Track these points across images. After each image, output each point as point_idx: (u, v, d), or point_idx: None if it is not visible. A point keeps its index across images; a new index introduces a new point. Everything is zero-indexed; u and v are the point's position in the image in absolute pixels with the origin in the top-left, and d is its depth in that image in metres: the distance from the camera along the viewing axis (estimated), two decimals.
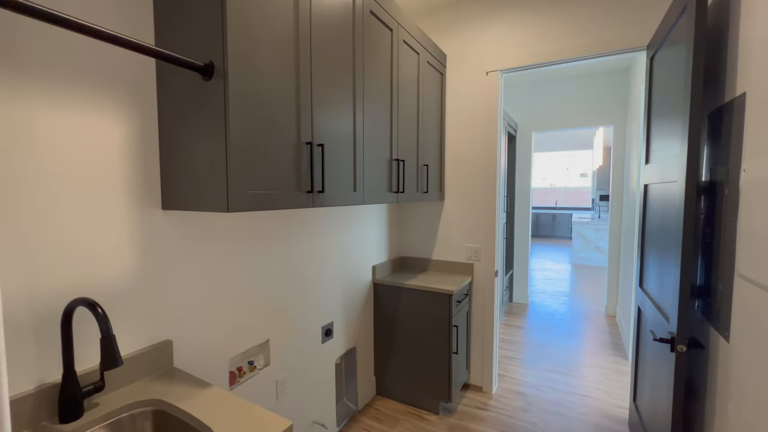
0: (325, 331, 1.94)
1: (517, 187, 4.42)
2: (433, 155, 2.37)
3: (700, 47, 1.19)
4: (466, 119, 2.44)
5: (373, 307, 2.40)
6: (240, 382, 1.47)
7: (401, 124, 1.93)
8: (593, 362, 2.91)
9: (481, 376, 2.50)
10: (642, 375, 1.83)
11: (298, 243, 1.74)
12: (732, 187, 1.13)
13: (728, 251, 1.14)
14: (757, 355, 0.96)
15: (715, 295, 1.24)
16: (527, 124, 4.31)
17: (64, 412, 0.89)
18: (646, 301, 1.75)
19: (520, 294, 4.49)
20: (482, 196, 2.42)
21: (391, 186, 1.86)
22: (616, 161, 3.90)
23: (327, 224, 1.93)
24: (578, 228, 6.97)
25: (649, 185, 1.82)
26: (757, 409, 0.94)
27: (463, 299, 2.34)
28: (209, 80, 0.99)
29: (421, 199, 2.19)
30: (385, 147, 1.79)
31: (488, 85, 2.35)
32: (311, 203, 1.28)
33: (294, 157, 1.21)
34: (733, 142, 1.15)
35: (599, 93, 3.94)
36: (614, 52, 2.01)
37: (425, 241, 2.65)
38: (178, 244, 1.20)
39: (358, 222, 2.20)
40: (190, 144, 1.06)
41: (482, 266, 2.44)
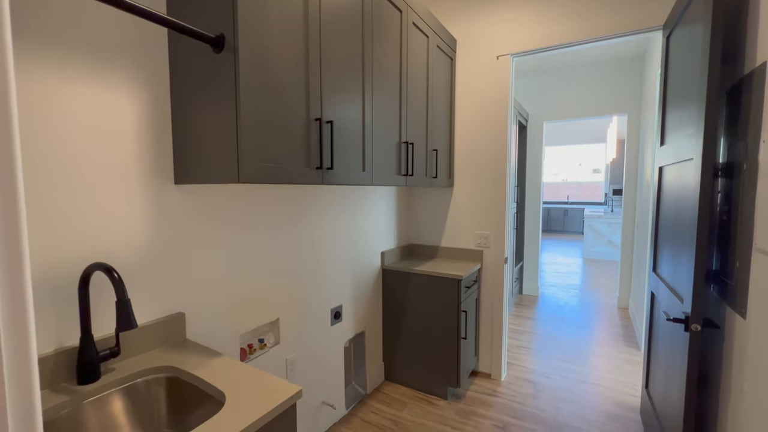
0: (334, 314, 1.96)
1: (528, 178, 4.37)
2: (443, 141, 2.36)
3: (719, 17, 1.16)
4: (476, 105, 2.42)
5: (381, 293, 2.41)
6: (250, 359, 1.49)
7: (411, 107, 1.92)
8: (605, 352, 2.87)
9: (490, 364, 2.49)
10: (655, 361, 1.80)
11: (309, 225, 1.75)
12: (751, 161, 1.10)
13: (746, 227, 1.11)
14: None
15: (732, 273, 1.21)
16: (538, 113, 4.25)
17: (82, 375, 0.92)
18: (659, 285, 1.72)
19: (530, 286, 4.46)
20: (492, 182, 2.40)
21: (400, 169, 1.85)
22: (630, 151, 3.82)
23: (337, 208, 1.94)
24: (590, 222, 6.86)
25: (664, 167, 1.78)
26: None
27: (472, 285, 2.33)
28: (220, 53, 1.01)
29: (430, 184, 2.18)
30: (394, 129, 1.79)
31: (499, 70, 2.32)
32: (320, 180, 1.29)
33: (303, 133, 1.22)
34: (752, 113, 1.11)
35: (612, 81, 3.86)
36: (630, 33, 1.97)
37: (434, 228, 2.64)
38: (190, 219, 1.22)
39: (367, 208, 2.20)
40: (202, 117, 1.07)
41: (491, 253, 2.43)
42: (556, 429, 1.97)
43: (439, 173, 2.32)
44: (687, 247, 1.32)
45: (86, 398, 0.89)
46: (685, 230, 1.37)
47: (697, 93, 1.29)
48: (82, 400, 0.89)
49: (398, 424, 2.00)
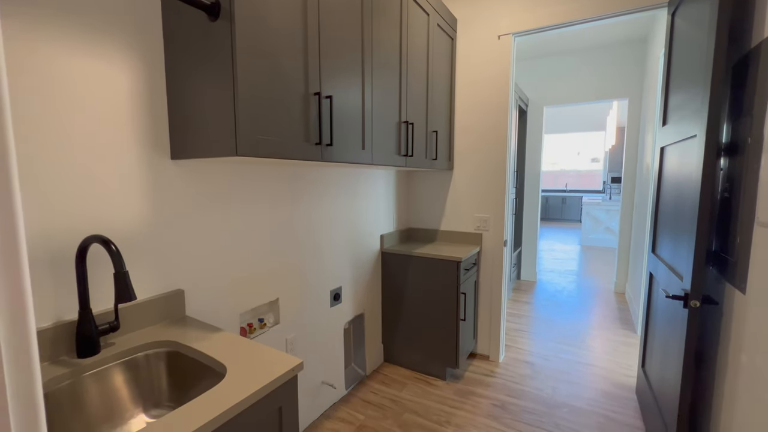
0: (333, 296, 1.96)
1: (527, 164, 4.35)
2: (443, 122, 2.33)
3: None
4: (477, 86, 2.38)
5: (381, 276, 2.41)
6: (250, 338, 1.49)
7: (411, 87, 1.89)
8: (602, 335, 2.90)
9: (488, 346, 2.52)
10: (651, 341, 1.82)
11: (309, 206, 1.73)
12: (756, 135, 1.09)
13: (748, 202, 1.11)
14: None
15: (732, 250, 1.21)
16: (539, 98, 4.21)
17: (81, 348, 0.91)
18: (659, 265, 1.73)
19: (528, 272, 4.48)
20: (492, 165, 2.38)
21: (400, 149, 1.83)
22: (630, 136, 3.80)
23: (336, 189, 1.92)
24: (588, 209, 6.87)
25: (665, 147, 1.77)
26: None
27: (471, 268, 2.33)
28: (215, 21, 0.97)
29: (430, 166, 2.16)
30: (394, 108, 1.76)
31: (500, 50, 2.28)
32: (319, 156, 1.27)
33: (302, 107, 1.19)
34: (758, 87, 1.10)
35: (614, 65, 3.81)
36: (634, 10, 1.93)
37: (433, 212, 2.63)
38: (188, 195, 1.21)
39: (366, 190, 2.19)
40: (198, 88, 1.05)
41: (491, 236, 2.43)
42: (554, 408, 1.99)
43: (439, 155, 2.29)
44: (688, 226, 1.32)
45: (86, 371, 0.89)
46: (687, 209, 1.36)
47: (703, 68, 1.27)
48: (82, 372, 0.88)
49: (397, 404, 2.03)
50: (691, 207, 1.30)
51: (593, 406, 2.00)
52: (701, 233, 1.20)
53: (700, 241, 1.20)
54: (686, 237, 1.33)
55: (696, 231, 1.20)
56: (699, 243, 1.21)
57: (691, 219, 1.28)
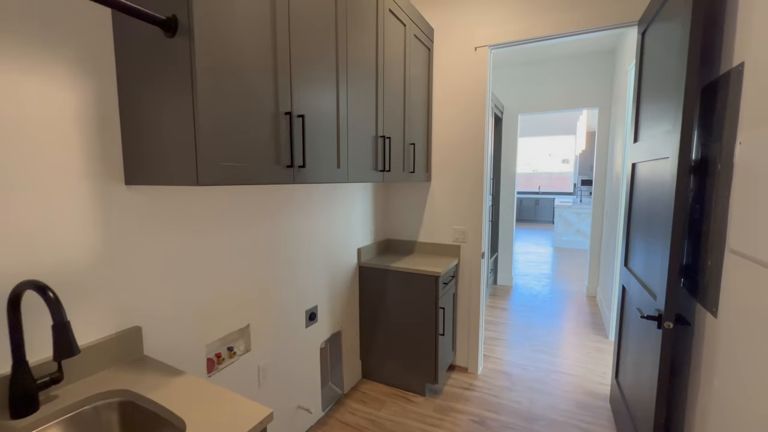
0: (309, 315, 1.88)
1: (503, 170, 4.41)
2: (420, 134, 2.29)
3: (699, 16, 1.14)
4: (454, 97, 2.36)
5: (358, 290, 2.35)
6: (219, 369, 1.40)
7: (387, 99, 1.84)
8: (575, 341, 2.96)
9: (467, 357, 2.51)
10: (625, 352, 1.86)
11: (280, 223, 1.65)
12: (725, 162, 1.11)
13: (719, 227, 1.13)
14: (746, 328, 0.95)
15: (703, 272, 1.23)
16: (513, 106, 4.27)
17: (15, 407, 0.80)
18: (631, 280, 1.76)
19: (504, 277, 4.54)
20: (469, 177, 2.37)
21: (377, 164, 1.78)
22: (600, 144, 3.92)
23: (310, 204, 1.84)
24: (560, 212, 7.07)
25: (637, 164, 1.80)
26: (745, 383, 0.94)
27: (449, 281, 2.31)
28: (173, 37, 0.88)
29: (407, 179, 2.12)
30: (371, 122, 1.70)
31: (477, 61, 2.27)
32: (291, 179, 1.19)
33: (272, 128, 1.11)
34: (728, 115, 1.12)
35: (585, 75, 3.92)
36: (606, 27, 1.96)
37: (411, 224, 2.59)
38: (145, 222, 1.10)
39: (342, 203, 2.12)
40: (155, 111, 0.95)
41: (469, 248, 2.42)
42: (532, 421, 2.00)
43: (417, 168, 2.26)
44: (660, 245, 1.34)
45: None
46: (659, 228, 1.38)
47: (674, 91, 1.29)
48: None
49: (376, 424, 1.97)
50: (663, 227, 1.32)
51: (569, 418, 2.02)
52: (674, 256, 1.22)
53: (673, 263, 1.22)
54: (659, 256, 1.35)
55: (669, 254, 1.22)
56: (672, 266, 1.22)
57: (664, 240, 1.29)
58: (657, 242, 1.40)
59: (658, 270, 1.35)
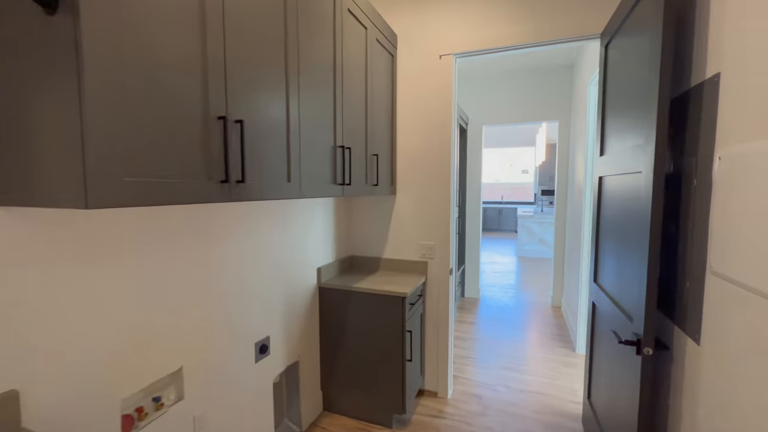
0: (259, 348, 1.65)
1: (469, 181, 4.38)
2: (384, 144, 2.16)
3: (670, 23, 1.09)
4: (419, 106, 2.26)
5: (318, 314, 2.14)
6: (139, 427, 1.14)
7: (347, 106, 1.68)
8: (544, 356, 2.91)
9: (436, 381, 2.36)
10: (597, 373, 1.79)
11: (222, 244, 1.43)
12: (703, 178, 1.05)
13: (698, 247, 1.06)
14: (734, 359, 0.87)
15: (681, 293, 1.16)
16: (478, 117, 4.27)
17: None
18: (601, 296, 1.70)
19: (471, 289, 4.48)
20: (436, 189, 2.26)
21: (336, 177, 1.61)
22: (561, 156, 3.99)
23: (260, 221, 1.63)
24: (523, 221, 7.22)
25: (604, 177, 1.76)
26: (735, 418, 0.85)
27: (417, 301, 2.16)
28: (54, 14, 0.68)
29: (370, 192, 1.97)
30: (328, 131, 1.54)
31: (442, 69, 2.18)
32: (227, 196, 1.00)
33: (201, 136, 0.92)
34: (703, 128, 1.06)
35: (545, 89, 4.00)
36: (570, 39, 1.94)
37: (376, 239, 2.43)
38: (26, 253, 0.86)
39: (299, 219, 1.92)
40: (32, 111, 0.73)
41: (436, 264, 2.29)
42: None
43: (381, 180, 2.11)
44: (635, 265, 1.27)
45: None
46: (632, 245, 1.32)
47: (643, 104, 1.24)
48: None
49: None
50: (637, 245, 1.25)
51: None
52: (652, 278, 1.14)
53: (651, 286, 1.14)
54: (634, 276, 1.28)
55: (647, 276, 1.14)
56: (650, 289, 1.14)
57: (639, 260, 1.22)
58: (630, 260, 1.33)
59: (634, 291, 1.28)
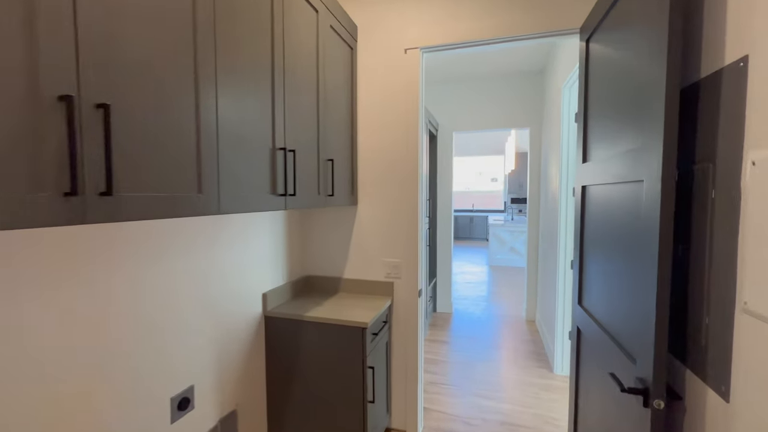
0: (178, 403, 1.30)
1: (440, 189, 4.18)
2: (342, 148, 1.87)
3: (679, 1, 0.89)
4: (383, 106, 2.00)
5: (264, 350, 1.80)
6: None
7: (291, 100, 1.39)
8: (521, 379, 2.69)
9: (404, 418, 2.07)
10: (585, 412, 1.57)
11: (121, 274, 1.07)
12: (725, 189, 0.84)
13: (721, 276, 0.85)
14: None
15: (697, 331, 0.95)
16: (448, 123, 4.09)
17: None
18: (589, 323, 1.48)
19: (443, 303, 4.25)
20: (403, 199, 1.99)
21: (276, 186, 1.30)
22: (533, 164, 3.87)
23: (185, 240, 1.29)
24: (494, 230, 7.15)
25: (588, 187, 1.56)
26: None
27: (381, 329, 1.87)
28: None
29: (324, 204, 1.67)
30: (264, 128, 1.23)
31: (407, 65, 1.93)
32: (80, 216, 0.67)
33: (26, 123, 0.59)
34: (723, 127, 0.86)
35: (516, 95, 3.88)
36: (545, 34, 1.75)
37: (335, 257, 2.13)
38: None
39: (239, 236, 1.59)
40: None
41: (403, 285, 2.02)
42: None
43: (338, 189, 1.82)
44: (636, 292, 1.05)
45: None
46: (629, 268, 1.10)
47: (641, 100, 1.03)
48: None
49: None
50: (638, 270, 1.03)
51: None
52: (662, 314, 0.91)
53: (661, 323, 0.92)
54: (636, 306, 1.06)
55: (656, 311, 0.92)
56: (660, 326, 0.92)
57: (642, 289, 1.00)
58: (627, 286, 1.11)
59: (634, 324, 1.06)
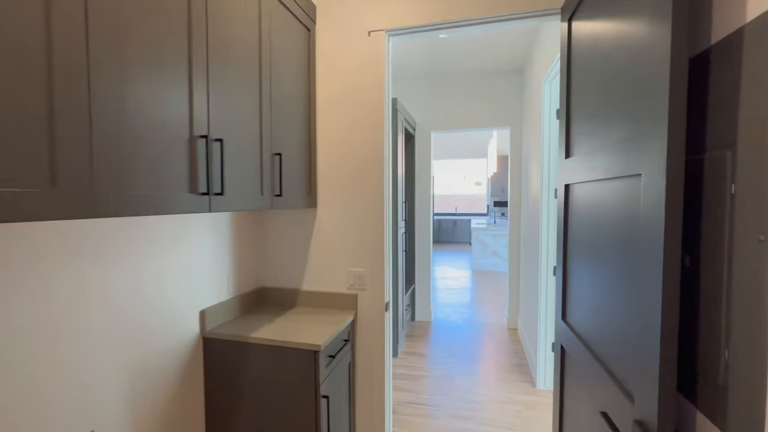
0: None
1: (418, 192, 3.97)
2: (295, 142, 1.63)
3: None
4: (344, 96, 1.77)
5: (203, 378, 1.53)
6: None
7: (220, 79, 1.14)
8: (502, 396, 2.49)
9: None
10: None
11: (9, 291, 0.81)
12: (750, 182, 0.65)
13: (746, 294, 0.65)
14: None
15: (713, 367, 0.75)
16: (426, 122, 3.90)
17: None
18: (575, 343, 1.28)
19: (422, 311, 4.03)
20: (367, 200, 1.77)
21: (197, 183, 1.05)
22: (514, 165, 3.72)
23: (95, 246, 1.02)
24: (477, 234, 7.00)
25: (572, 185, 1.37)
26: None
27: (341, 348, 1.63)
28: None
29: (270, 205, 1.43)
30: (178, 110, 0.98)
31: (372, 49, 1.72)
32: None
33: None
34: (745, 103, 0.66)
35: (496, 94, 3.72)
36: (524, 15, 1.56)
37: (293, 267, 1.88)
38: None
39: (165, 241, 1.33)
40: None
41: (369, 297, 1.78)
42: None
43: (289, 189, 1.58)
44: (635, 313, 0.85)
45: None
46: (623, 282, 0.90)
47: (638, 79, 0.84)
48: None
49: None
50: (635, 285, 0.83)
51: None
52: (669, 350, 0.71)
53: (668, 360, 0.71)
54: (632, 330, 0.86)
55: (661, 345, 0.71)
56: (667, 363, 0.71)
57: (641, 309, 0.80)
58: (622, 303, 0.91)
59: (630, 353, 0.86)
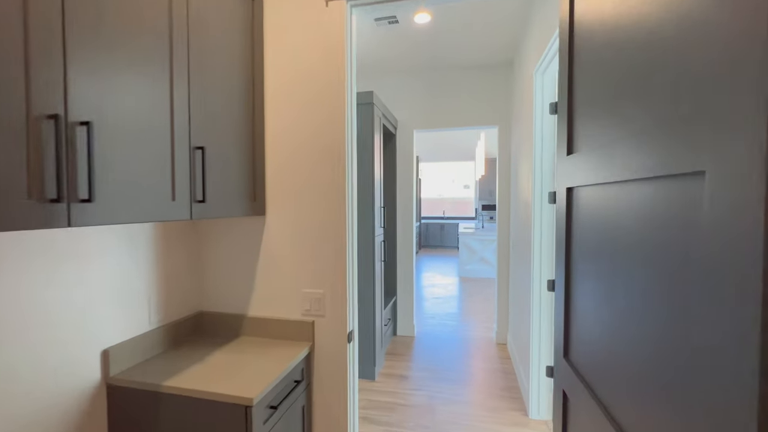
0: None
1: (399, 195, 3.67)
2: (231, 134, 1.31)
3: None
4: (298, 77, 1.46)
5: None
6: None
7: (85, 46, 0.82)
8: (491, 429, 2.19)
9: None
10: None
11: None
12: None
13: None
14: None
15: None
16: (408, 121, 3.61)
17: None
18: (584, 395, 0.98)
19: (405, 325, 3.72)
20: (328, 206, 1.45)
21: (43, 184, 0.72)
22: (502, 166, 3.45)
23: None
24: (464, 239, 6.74)
25: (576, 189, 1.08)
26: None
27: (292, 391, 1.31)
28: None
29: (186, 215, 1.10)
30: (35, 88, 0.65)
31: (330, 22, 1.41)
32: None
33: None
34: None
35: (484, 90, 3.45)
36: None
37: (236, 287, 1.55)
38: None
39: (55, 259, 0.99)
40: None
41: (328, 325, 1.46)
42: None
43: (218, 193, 1.25)
44: (701, 353, 0.55)
45: None
46: (673, 312, 0.61)
47: (691, 41, 0.55)
48: None
49: None
50: (702, 315, 0.53)
51: None
52: None
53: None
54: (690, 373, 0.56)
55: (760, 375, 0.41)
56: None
57: (716, 363, 0.50)
58: (668, 351, 0.62)
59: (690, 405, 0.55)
